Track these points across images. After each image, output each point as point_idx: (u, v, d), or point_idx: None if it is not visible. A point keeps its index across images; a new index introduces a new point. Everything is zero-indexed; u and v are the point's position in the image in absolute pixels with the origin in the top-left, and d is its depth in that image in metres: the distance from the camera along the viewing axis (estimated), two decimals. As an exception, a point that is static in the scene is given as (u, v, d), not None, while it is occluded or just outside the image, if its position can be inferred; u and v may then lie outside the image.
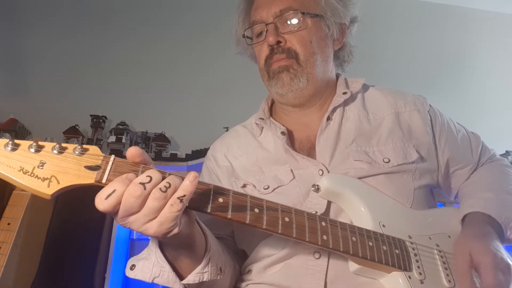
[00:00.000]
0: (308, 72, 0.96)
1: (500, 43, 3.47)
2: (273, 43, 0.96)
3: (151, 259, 0.71)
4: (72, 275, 2.02)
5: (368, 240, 0.77)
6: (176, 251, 0.71)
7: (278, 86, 0.97)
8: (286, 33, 0.97)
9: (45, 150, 0.60)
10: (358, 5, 1.07)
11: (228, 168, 1.03)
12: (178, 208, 0.59)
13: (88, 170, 0.61)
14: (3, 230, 1.78)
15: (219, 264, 0.79)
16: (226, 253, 0.89)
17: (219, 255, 0.80)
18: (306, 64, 0.96)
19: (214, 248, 0.78)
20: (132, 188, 0.58)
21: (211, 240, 0.78)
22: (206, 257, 0.74)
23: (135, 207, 0.58)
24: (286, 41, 0.97)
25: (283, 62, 0.96)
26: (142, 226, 0.60)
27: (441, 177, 1.01)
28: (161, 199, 0.58)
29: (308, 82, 0.97)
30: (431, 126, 1.01)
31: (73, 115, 2.59)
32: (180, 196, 0.59)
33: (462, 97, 3.18)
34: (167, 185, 0.59)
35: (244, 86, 2.66)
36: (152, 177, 0.60)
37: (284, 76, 0.96)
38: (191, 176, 0.60)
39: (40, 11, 2.87)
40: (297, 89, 0.96)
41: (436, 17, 3.43)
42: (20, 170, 0.58)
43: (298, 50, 0.96)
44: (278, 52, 0.96)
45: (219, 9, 2.90)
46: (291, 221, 0.72)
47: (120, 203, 0.58)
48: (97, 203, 0.58)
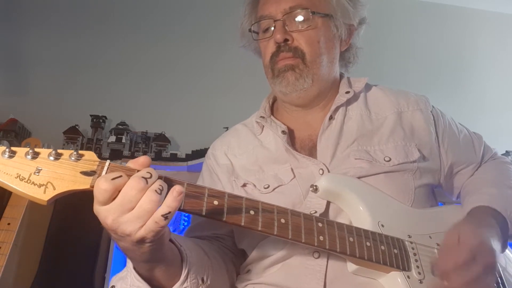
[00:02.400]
0: (313, 73, 0.95)
1: (500, 43, 3.46)
2: (281, 41, 0.94)
3: (127, 280, 0.71)
4: (72, 275, 2.02)
5: (365, 240, 0.77)
6: (148, 266, 0.69)
7: (282, 85, 0.96)
8: (294, 31, 0.96)
9: (41, 156, 0.62)
10: (367, 6, 1.06)
11: (228, 167, 1.03)
12: (161, 224, 0.58)
13: (83, 176, 0.62)
14: (3, 230, 1.78)
15: (201, 275, 0.78)
16: (218, 257, 0.89)
17: (201, 266, 0.79)
18: (312, 64, 0.95)
19: (193, 261, 0.76)
20: (134, 181, 0.58)
21: (190, 252, 0.77)
22: (184, 272, 0.73)
23: (133, 201, 0.58)
24: (294, 40, 0.95)
25: (289, 61, 0.95)
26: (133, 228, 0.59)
27: (443, 177, 1.01)
28: (157, 202, 0.58)
29: (313, 83, 0.96)
30: (434, 126, 1.00)
31: (73, 115, 2.59)
32: (164, 214, 0.58)
33: (462, 97, 3.18)
34: (160, 187, 0.59)
35: (244, 86, 2.66)
36: (152, 174, 0.60)
37: (289, 75, 0.95)
38: (175, 191, 0.59)
39: (40, 11, 2.87)
40: (301, 89, 0.95)
41: (436, 17, 3.43)
42: (17, 177, 0.59)
43: (305, 50, 0.95)
44: (285, 50, 0.95)
45: (220, 9, 2.90)
46: (287, 222, 0.72)
47: (117, 194, 0.58)
48: (102, 182, 0.57)
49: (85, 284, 2.02)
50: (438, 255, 0.81)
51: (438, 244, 0.85)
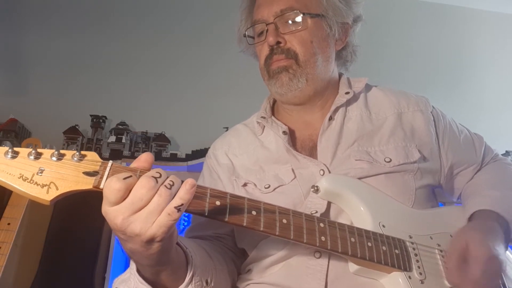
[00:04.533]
0: (307, 72, 0.96)
1: (499, 43, 3.47)
2: (273, 44, 0.96)
3: (130, 283, 0.70)
4: (72, 275, 2.02)
5: (367, 241, 0.77)
6: (154, 274, 0.69)
7: (277, 86, 0.97)
8: (286, 33, 0.97)
9: (44, 157, 0.62)
10: (362, 3, 1.06)
11: (228, 167, 1.03)
12: (175, 217, 0.58)
13: (86, 176, 0.62)
14: (3, 230, 1.78)
15: (205, 277, 0.78)
16: (220, 258, 0.89)
17: (205, 268, 0.79)
18: (306, 64, 0.96)
19: (197, 263, 0.76)
20: (145, 180, 0.58)
21: (195, 255, 0.77)
22: (189, 274, 0.73)
23: (144, 199, 0.58)
24: (286, 42, 0.97)
25: (282, 62, 0.96)
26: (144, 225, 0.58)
27: (444, 178, 1.01)
28: (167, 196, 0.58)
29: (308, 82, 0.96)
30: (434, 127, 1.00)
31: (73, 115, 2.59)
32: (177, 206, 0.58)
33: (461, 97, 3.18)
34: (171, 183, 0.59)
35: (244, 86, 2.66)
36: (161, 174, 0.60)
37: (283, 76, 0.96)
38: (187, 184, 0.59)
39: (40, 11, 2.87)
40: (296, 89, 0.96)
41: (435, 17, 3.43)
42: (20, 177, 0.60)
43: (297, 51, 0.96)
44: (278, 53, 0.96)
45: (220, 9, 2.90)
46: (288, 222, 0.72)
47: (128, 194, 0.58)
48: (114, 182, 0.57)
49: (85, 284, 2.02)
50: (447, 264, 0.82)
51: (439, 244, 0.85)
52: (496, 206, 0.89)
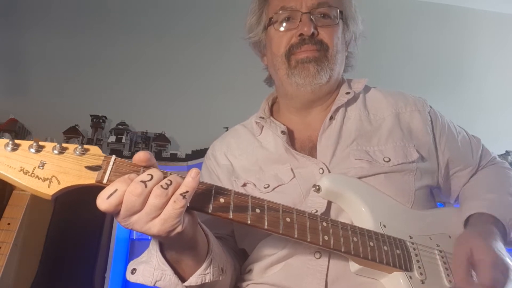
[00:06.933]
0: (332, 69, 0.97)
1: (498, 43, 3.47)
2: (309, 34, 0.95)
3: (152, 263, 0.70)
4: (72, 275, 2.02)
5: (369, 240, 0.77)
6: (179, 253, 0.70)
7: (301, 76, 0.96)
8: (320, 26, 0.98)
9: (46, 150, 0.60)
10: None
11: (228, 167, 1.03)
12: (181, 204, 0.59)
13: (89, 171, 0.60)
14: (3, 230, 1.78)
15: (221, 265, 0.78)
16: (227, 253, 0.89)
17: (220, 256, 0.80)
18: (332, 59, 0.97)
19: (215, 249, 0.77)
20: (133, 186, 0.58)
21: (213, 241, 0.78)
22: (208, 258, 0.73)
23: (136, 205, 0.58)
24: (319, 34, 0.97)
25: (313, 53, 0.96)
26: (145, 225, 0.60)
27: (441, 178, 1.01)
28: (163, 196, 0.58)
29: (328, 81, 0.98)
30: (431, 127, 1.01)
31: (73, 115, 2.59)
32: (183, 193, 0.59)
33: (461, 97, 3.19)
34: (168, 182, 0.59)
35: (244, 86, 2.66)
36: (153, 176, 0.60)
37: (312, 67, 0.95)
38: (193, 172, 0.60)
39: (40, 10, 2.87)
40: (318, 83, 0.96)
41: (434, 17, 3.43)
42: (20, 171, 0.58)
43: (329, 44, 0.97)
44: (310, 43, 0.96)
45: (220, 9, 2.90)
46: (292, 221, 0.72)
47: (121, 203, 0.58)
48: (99, 203, 0.58)
49: (85, 284, 2.02)
50: (455, 272, 0.81)
51: (438, 245, 0.86)
52: (494, 209, 0.89)
